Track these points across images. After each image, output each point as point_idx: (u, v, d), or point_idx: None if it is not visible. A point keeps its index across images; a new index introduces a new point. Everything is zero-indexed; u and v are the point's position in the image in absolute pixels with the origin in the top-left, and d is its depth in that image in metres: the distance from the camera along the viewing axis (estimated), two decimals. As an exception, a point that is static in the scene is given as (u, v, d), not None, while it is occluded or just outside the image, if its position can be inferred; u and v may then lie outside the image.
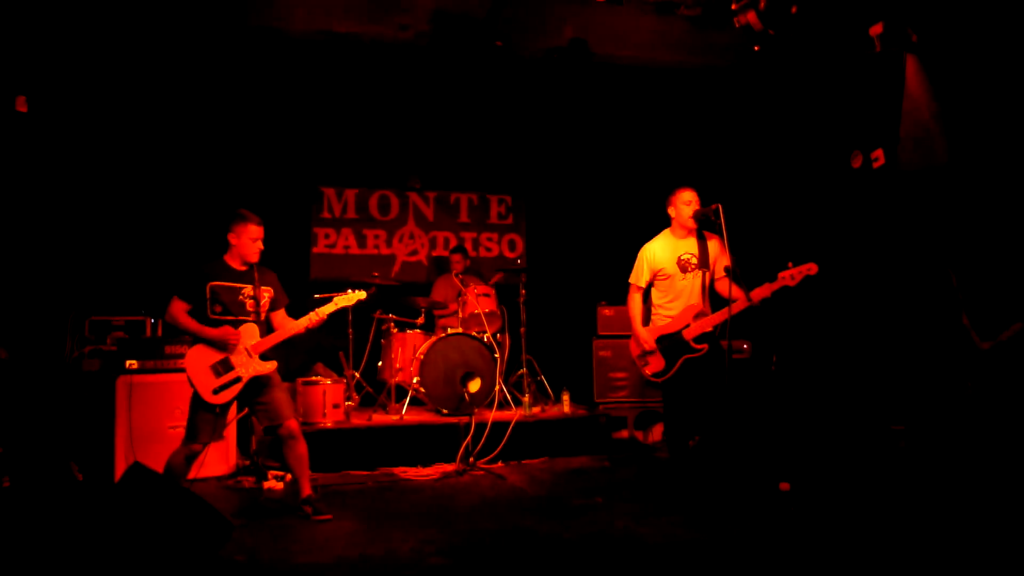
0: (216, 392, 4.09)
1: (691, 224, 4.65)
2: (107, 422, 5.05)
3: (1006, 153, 4.59)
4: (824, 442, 5.47)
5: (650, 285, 4.83)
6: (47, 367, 5.35)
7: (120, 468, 4.94)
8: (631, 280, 4.85)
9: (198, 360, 4.11)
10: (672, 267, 4.69)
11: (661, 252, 4.75)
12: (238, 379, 4.13)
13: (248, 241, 4.24)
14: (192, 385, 4.11)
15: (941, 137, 4.21)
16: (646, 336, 4.71)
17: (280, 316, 4.43)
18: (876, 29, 4.27)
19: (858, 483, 4.74)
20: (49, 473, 4.96)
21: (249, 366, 4.17)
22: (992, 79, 4.52)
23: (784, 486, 4.60)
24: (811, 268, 4.39)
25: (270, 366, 4.23)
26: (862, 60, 4.46)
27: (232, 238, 4.26)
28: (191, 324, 4.11)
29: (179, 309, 4.12)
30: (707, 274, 4.68)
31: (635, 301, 4.83)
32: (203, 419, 4.10)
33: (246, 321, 4.23)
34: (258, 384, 4.22)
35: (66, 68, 5.48)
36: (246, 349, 4.17)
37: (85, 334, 5.61)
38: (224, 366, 4.13)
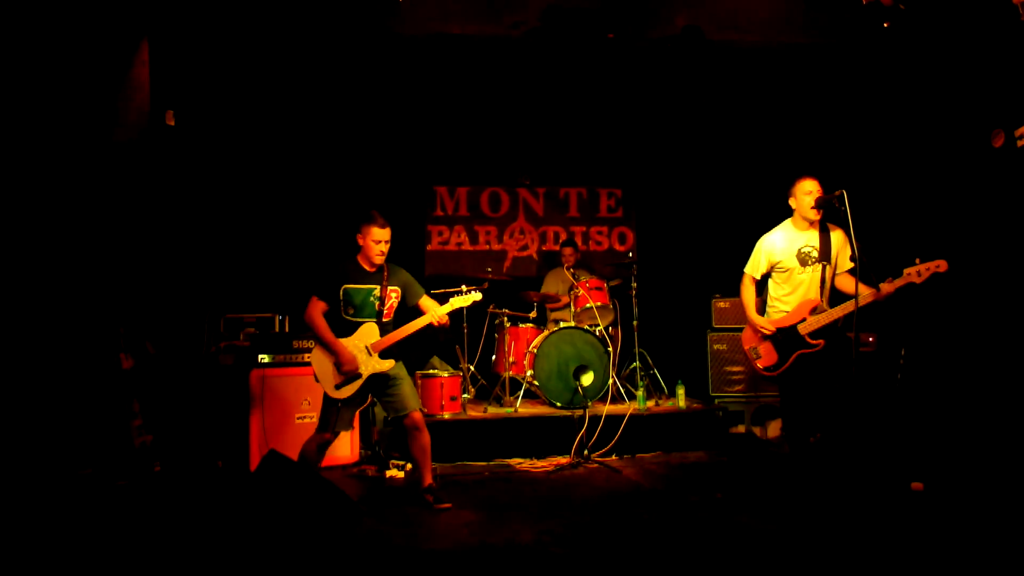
0: (338, 388, 4.29)
1: (813, 216, 4.47)
2: (242, 412, 5.37)
3: None
4: (962, 441, 5.14)
5: (766, 276, 4.69)
6: (188, 362, 5.75)
7: (254, 456, 5.25)
8: (746, 270, 4.72)
9: (323, 358, 4.33)
10: (791, 260, 4.53)
11: (781, 244, 4.60)
12: (358, 376, 4.31)
13: (371, 243, 4.35)
14: (317, 380, 4.33)
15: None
16: (763, 322, 4.56)
17: (425, 302, 4.52)
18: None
19: (1000, 485, 4.44)
20: (193, 459, 5.34)
21: (369, 364, 4.33)
22: None
23: (917, 486, 4.38)
24: (940, 265, 4.09)
25: (388, 364, 4.37)
26: (1004, 30, 4.15)
27: (360, 239, 4.40)
28: (326, 333, 4.29)
29: (318, 310, 4.32)
30: (828, 268, 4.49)
31: (749, 289, 4.70)
32: (331, 411, 4.32)
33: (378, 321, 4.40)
34: (384, 378, 4.38)
35: (200, 88, 5.88)
36: (367, 347, 4.34)
37: (220, 331, 5.99)
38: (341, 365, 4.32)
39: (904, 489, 4.38)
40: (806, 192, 4.46)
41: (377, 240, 4.36)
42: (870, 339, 6.21)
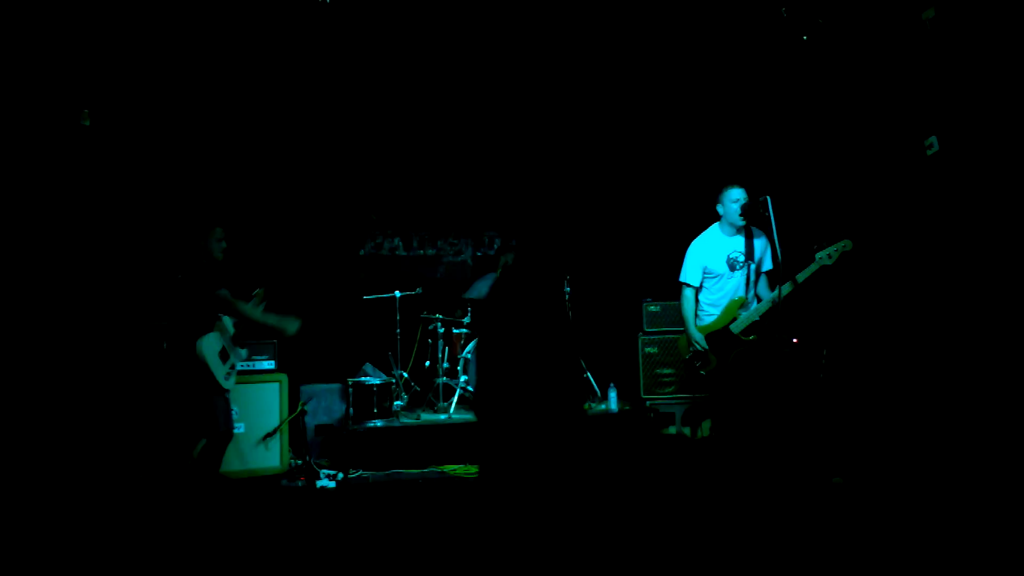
0: (227, 378, 4.33)
1: (741, 221, 4.60)
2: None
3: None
4: (880, 437, 5.36)
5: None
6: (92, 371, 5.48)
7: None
8: (685, 280, 4.77)
9: (211, 348, 4.27)
10: (722, 266, 4.65)
11: (711, 249, 4.70)
12: (233, 365, 4.42)
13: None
14: (211, 372, 4.23)
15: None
16: (700, 339, 4.66)
17: None
18: (927, 14, 4.18)
19: (916, 478, 4.64)
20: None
21: (237, 355, 4.49)
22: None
23: (837, 481, 4.54)
24: (846, 245, 4.33)
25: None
26: (914, 45, 4.37)
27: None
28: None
29: None
30: (753, 266, 4.63)
31: (690, 302, 4.75)
32: (221, 406, 4.27)
33: None
34: None
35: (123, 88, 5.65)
36: (229, 338, 4.46)
37: (131, 339, 5.75)
38: (224, 355, 4.35)
39: (826, 483, 4.53)
40: (733, 200, 4.59)
41: (219, 239, 4.49)
42: (794, 340, 6.41)
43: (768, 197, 4.26)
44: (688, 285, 4.76)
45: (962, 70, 4.39)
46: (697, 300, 4.80)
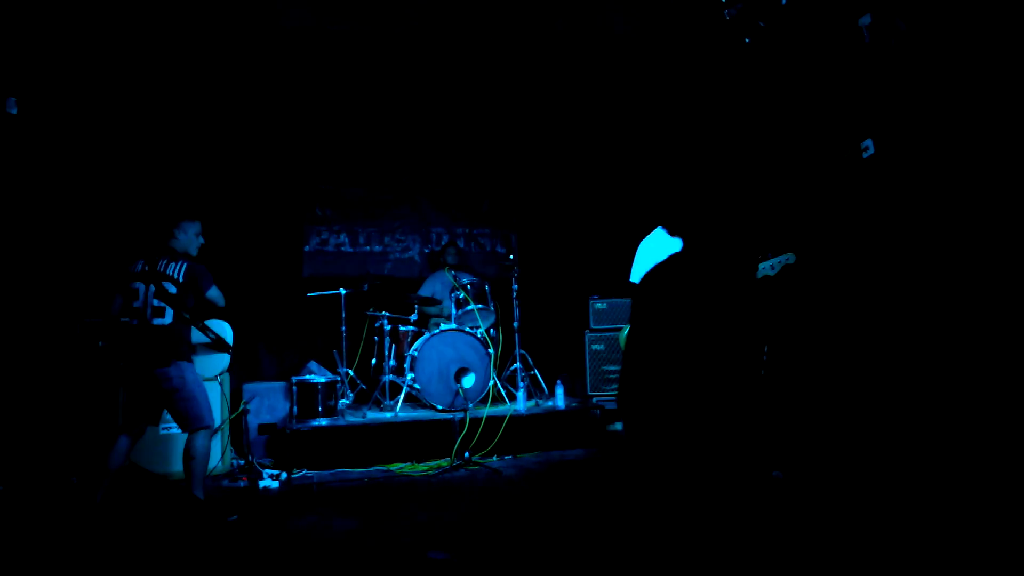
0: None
1: (682, 217, 4.67)
2: (104, 425, 5.03)
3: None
4: (821, 433, 5.50)
5: None
6: (36, 372, 5.31)
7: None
8: (636, 282, 4.82)
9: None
10: (667, 262, 4.71)
11: (658, 251, 4.73)
12: None
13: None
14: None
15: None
16: None
17: None
18: (865, 19, 4.30)
19: (855, 472, 4.77)
20: (43, 477, 4.93)
21: None
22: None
23: (777, 475, 4.64)
24: (789, 257, 4.43)
25: None
26: (851, 50, 4.49)
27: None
28: None
29: None
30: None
31: None
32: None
33: None
34: None
35: (53, 70, 5.45)
36: None
37: (77, 336, 5.58)
38: None
39: (766, 477, 4.63)
40: (677, 196, 4.66)
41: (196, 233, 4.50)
42: (736, 338, 6.53)
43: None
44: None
45: (897, 74, 4.53)
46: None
